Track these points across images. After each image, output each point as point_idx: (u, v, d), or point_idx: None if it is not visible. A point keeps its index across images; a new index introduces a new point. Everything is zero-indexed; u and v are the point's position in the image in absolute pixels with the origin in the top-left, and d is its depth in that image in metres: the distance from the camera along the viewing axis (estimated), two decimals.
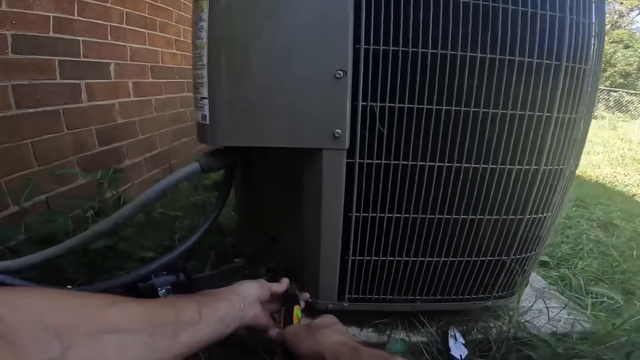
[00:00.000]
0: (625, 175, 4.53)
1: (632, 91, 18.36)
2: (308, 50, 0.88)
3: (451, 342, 1.18)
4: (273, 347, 0.98)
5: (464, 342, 1.19)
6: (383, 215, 1.03)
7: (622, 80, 20.30)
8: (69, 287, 1.13)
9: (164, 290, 1.13)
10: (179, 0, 3.10)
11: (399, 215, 1.03)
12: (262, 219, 1.32)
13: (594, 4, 0.96)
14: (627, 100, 17.74)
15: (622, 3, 23.20)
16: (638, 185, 4.04)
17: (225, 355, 1.17)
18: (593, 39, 0.98)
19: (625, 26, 22.97)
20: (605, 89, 17.89)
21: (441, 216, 1.03)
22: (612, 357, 1.07)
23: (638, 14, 22.88)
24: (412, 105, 0.91)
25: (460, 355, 1.14)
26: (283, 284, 1.05)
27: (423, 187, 0.99)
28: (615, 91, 18.09)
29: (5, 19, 1.54)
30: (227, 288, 0.86)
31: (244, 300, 0.83)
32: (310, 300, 1.18)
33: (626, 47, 20.39)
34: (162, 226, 1.98)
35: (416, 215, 1.03)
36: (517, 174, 0.99)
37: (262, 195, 1.28)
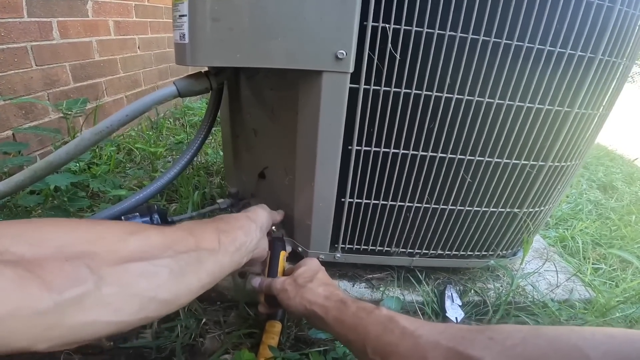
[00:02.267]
0: (625, 140, 4.48)
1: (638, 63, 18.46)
2: None
3: (447, 302, 1.11)
4: (256, 296, 0.97)
5: (460, 304, 1.12)
6: (388, 150, 0.90)
7: None
8: None
9: None
10: None
11: (406, 151, 0.90)
12: (249, 153, 1.20)
13: None
14: (634, 72, 17.84)
15: None
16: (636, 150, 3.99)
17: (206, 310, 1.11)
18: (638, 32, 0.86)
19: None
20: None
21: (453, 156, 0.91)
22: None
23: None
24: (432, 31, 0.77)
25: (456, 318, 1.07)
26: (281, 213, 1.06)
27: (436, 121, 0.86)
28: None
29: None
30: (243, 214, 0.84)
31: (259, 230, 0.82)
32: (300, 250, 1.10)
33: None
34: (142, 165, 1.91)
35: (425, 153, 0.91)
36: (546, 113, 0.87)
37: (250, 127, 1.15)
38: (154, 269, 0.52)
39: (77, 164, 1.61)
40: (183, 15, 0.78)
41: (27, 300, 0.36)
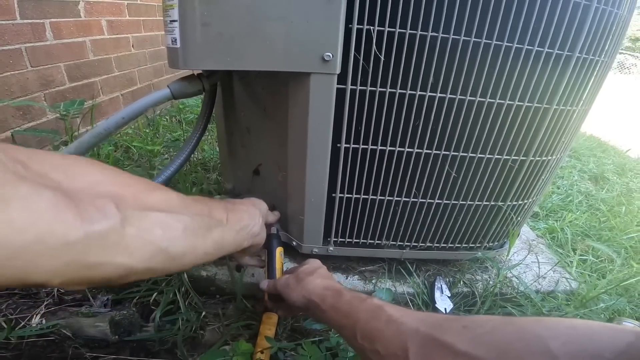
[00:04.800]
0: (618, 131, 4.53)
1: (638, 54, 18.51)
2: None
3: (437, 294, 1.15)
4: (258, 292, 1.04)
5: (449, 295, 1.15)
6: (375, 147, 0.94)
7: (630, 44, 20.50)
8: None
9: None
10: None
11: (393, 148, 0.94)
12: (244, 150, 1.23)
13: None
14: (631, 63, 17.84)
15: None
16: (629, 140, 4.03)
17: (206, 303, 1.15)
18: (617, 30, 0.88)
19: None
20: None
21: (438, 152, 0.94)
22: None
23: None
24: (415, 32, 0.80)
25: (445, 309, 1.11)
26: (277, 215, 1.07)
27: (421, 119, 0.90)
28: (621, 53, 18.27)
29: None
30: (248, 200, 0.88)
31: (261, 217, 0.85)
32: (294, 244, 1.14)
33: None
34: (140, 162, 1.94)
35: (411, 150, 0.94)
36: (525, 110, 0.90)
37: (244, 125, 1.18)
38: (171, 222, 0.53)
39: None
40: (174, 21, 0.80)
41: (60, 226, 0.36)
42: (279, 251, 1.04)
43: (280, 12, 0.77)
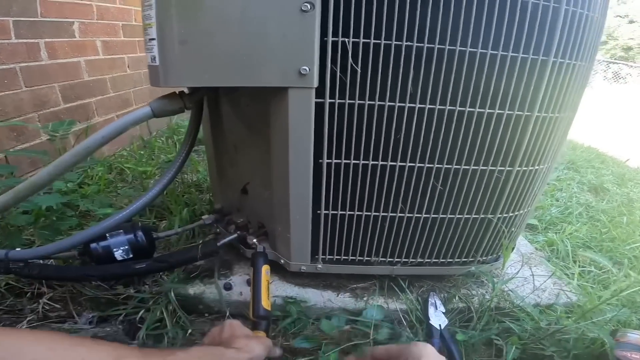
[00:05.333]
0: (616, 141, 4.52)
1: (630, 64, 18.66)
2: None
3: (431, 310, 1.14)
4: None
5: (444, 311, 1.14)
6: (357, 162, 0.93)
7: (623, 53, 20.65)
8: (17, 249, 1.07)
9: (120, 251, 1.06)
10: None
11: (375, 162, 0.93)
12: (232, 169, 1.23)
13: None
14: (626, 73, 17.95)
15: None
16: (627, 150, 4.04)
17: (194, 321, 1.13)
18: (590, 32, 0.88)
19: (632, 1, 23.36)
20: (604, 61, 18.25)
21: (422, 165, 0.94)
22: (597, 334, 1.00)
23: None
24: (390, 42, 0.80)
25: (440, 325, 1.09)
26: (280, 350, 0.89)
27: (402, 131, 0.89)
28: (615, 63, 18.39)
29: None
30: (232, 352, 0.70)
31: None
32: (282, 262, 1.13)
33: (631, 22, 20.77)
34: (134, 184, 1.95)
35: (394, 163, 0.94)
36: (507, 119, 0.89)
37: (231, 143, 1.18)
38: None
39: (67, 185, 1.64)
40: (153, 39, 0.81)
41: None
42: (264, 269, 1.03)
43: (256, 27, 0.78)
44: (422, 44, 0.80)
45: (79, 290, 1.15)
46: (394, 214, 1.02)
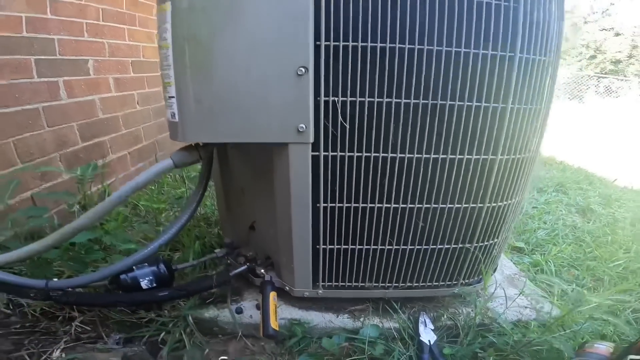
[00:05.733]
0: (607, 161, 4.62)
1: (621, 78, 18.46)
2: (270, 48, 0.92)
3: (421, 327, 1.26)
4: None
5: (433, 328, 1.27)
6: (350, 205, 1.08)
7: (612, 66, 20.28)
8: (53, 281, 1.20)
9: (146, 281, 1.20)
10: None
11: (365, 205, 1.08)
12: (240, 209, 1.38)
13: None
14: (617, 87, 17.87)
15: None
16: (617, 169, 4.09)
17: (209, 342, 1.25)
18: (551, 30, 1.01)
19: (616, 14, 23.15)
20: (595, 76, 17.97)
21: (405, 205, 1.08)
22: (559, 348, 1.13)
23: (630, 1, 22.96)
24: (373, 99, 0.96)
25: (429, 341, 1.21)
26: None
27: (386, 178, 1.05)
28: (605, 77, 18.22)
29: None
30: None
31: None
32: (287, 288, 1.28)
33: (617, 34, 20.37)
34: (147, 219, 2.06)
35: (381, 205, 1.08)
36: (474, 163, 1.04)
37: (239, 186, 1.33)
38: None
39: None
40: (172, 97, 0.98)
41: None
42: (272, 295, 1.17)
43: (259, 90, 0.94)
44: (399, 100, 0.96)
45: (105, 315, 1.28)
46: (383, 247, 1.16)
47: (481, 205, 1.11)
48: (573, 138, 6.61)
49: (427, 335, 1.23)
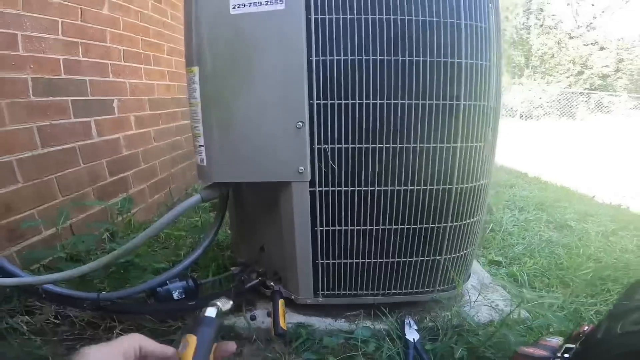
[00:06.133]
0: (589, 178, 4.79)
1: (611, 93, 18.49)
2: (276, 106, 1.22)
3: (407, 328, 1.47)
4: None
5: (417, 328, 1.47)
6: (341, 228, 1.36)
7: (600, 81, 20.25)
8: (103, 293, 1.45)
9: (177, 293, 1.46)
10: (168, 33, 3.30)
11: (353, 227, 1.36)
12: (252, 234, 1.64)
13: (489, 9, 1.26)
14: (608, 101, 17.93)
15: (592, 5, 23.28)
16: (598, 187, 4.26)
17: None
18: (489, 38, 1.27)
19: (599, 27, 23.09)
20: (584, 92, 18.03)
21: (384, 227, 1.36)
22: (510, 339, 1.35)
23: (612, 14, 22.98)
24: (354, 145, 1.25)
25: (414, 339, 1.42)
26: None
27: (368, 206, 1.33)
28: (595, 93, 18.14)
29: (24, 63, 1.77)
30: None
31: None
32: (292, 297, 1.52)
33: (601, 48, 20.38)
34: (168, 245, 2.30)
35: (366, 227, 1.36)
36: (436, 192, 1.33)
37: (251, 215, 1.60)
38: None
39: None
40: (201, 145, 1.26)
41: None
42: (281, 302, 1.42)
43: (268, 141, 1.24)
44: (382, 145, 1.25)
45: (140, 324, 1.51)
46: (370, 260, 1.42)
47: (445, 224, 1.38)
48: (563, 155, 6.82)
49: (412, 334, 1.43)
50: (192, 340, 0.67)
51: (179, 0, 1.35)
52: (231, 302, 0.87)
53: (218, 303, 0.83)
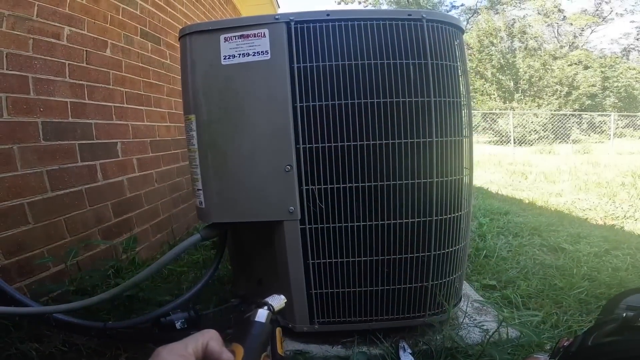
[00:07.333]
0: (584, 201, 4.83)
1: (601, 112, 18.59)
2: (265, 151, 1.33)
3: (401, 352, 1.53)
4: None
5: (411, 352, 1.53)
6: (331, 260, 1.46)
7: (589, 101, 20.38)
8: (109, 323, 1.53)
9: (179, 323, 1.54)
10: (168, 75, 3.38)
11: (342, 259, 1.46)
12: (250, 268, 1.73)
13: (454, 49, 1.39)
14: (599, 121, 18.03)
15: (571, 24, 23.45)
16: (593, 209, 4.33)
17: None
18: (458, 76, 1.40)
19: (582, 46, 23.14)
20: (574, 113, 18.14)
21: (371, 258, 1.46)
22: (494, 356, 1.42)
23: (592, 33, 23.22)
24: (339, 185, 1.36)
25: None
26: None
27: (355, 240, 1.43)
28: (585, 112, 18.29)
29: (34, 106, 1.83)
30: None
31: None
32: (290, 325, 1.59)
33: (585, 67, 20.48)
34: (171, 280, 2.39)
35: (354, 259, 1.46)
36: (417, 225, 1.43)
37: (248, 251, 1.70)
38: None
39: None
40: (199, 189, 1.36)
41: None
42: (278, 331, 1.46)
43: (260, 183, 1.34)
44: (365, 184, 1.36)
45: (144, 352, 1.57)
46: (361, 289, 1.51)
47: (429, 253, 1.47)
48: (558, 179, 6.93)
49: (407, 358, 1.48)
50: (238, 351, 0.63)
51: (177, 42, 1.46)
52: (283, 297, 0.82)
53: (270, 302, 0.77)
